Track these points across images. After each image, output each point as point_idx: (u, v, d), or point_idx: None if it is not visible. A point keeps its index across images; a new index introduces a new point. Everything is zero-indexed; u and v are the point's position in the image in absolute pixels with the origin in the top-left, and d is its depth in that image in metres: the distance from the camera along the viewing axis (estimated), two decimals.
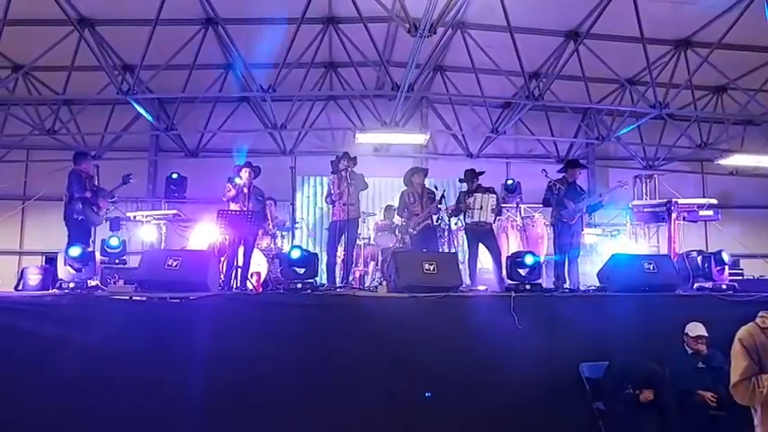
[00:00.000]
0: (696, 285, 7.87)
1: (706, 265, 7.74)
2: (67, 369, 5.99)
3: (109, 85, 11.52)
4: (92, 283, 7.17)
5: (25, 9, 9.39)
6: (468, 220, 8.47)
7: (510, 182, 12.24)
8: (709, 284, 7.66)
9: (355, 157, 8.66)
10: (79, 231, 8.57)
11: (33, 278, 7.45)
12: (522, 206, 11.77)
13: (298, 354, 6.28)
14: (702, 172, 15.37)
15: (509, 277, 7.53)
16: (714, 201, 9.15)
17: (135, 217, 8.44)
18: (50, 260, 8.81)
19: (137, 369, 6.05)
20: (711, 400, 5.89)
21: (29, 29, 10.18)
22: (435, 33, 7.93)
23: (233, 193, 8.22)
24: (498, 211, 8.85)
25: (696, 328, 6.28)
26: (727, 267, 7.96)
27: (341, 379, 6.27)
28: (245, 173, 8.31)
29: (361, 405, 6.19)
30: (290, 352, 6.28)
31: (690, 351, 6.29)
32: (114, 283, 8.09)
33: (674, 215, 8.80)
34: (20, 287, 7.59)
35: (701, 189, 15.01)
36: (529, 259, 7.34)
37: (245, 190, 8.25)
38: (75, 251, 7.04)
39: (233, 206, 8.19)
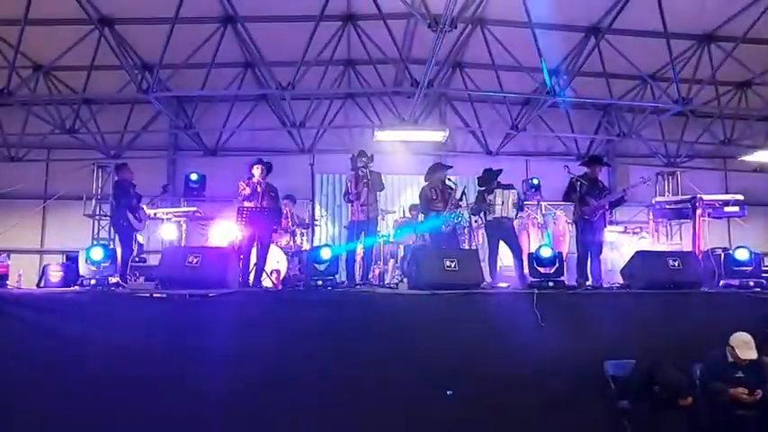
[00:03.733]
0: (722, 283, 7.73)
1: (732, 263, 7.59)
2: (88, 366, 5.98)
3: (128, 85, 11.61)
4: (112, 280, 7.17)
5: (45, 9, 9.45)
6: (490, 217, 8.36)
7: (536, 181, 12.10)
8: (736, 282, 7.51)
9: (372, 155, 8.59)
10: (125, 237, 8.76)
11: (55, 275, 7.48)
12: (543, 203, 11.64)
13: (318, 351, 6.25)
14: (725, 169, 15.15)
15: (531, 274, 7.44)
16: (740, 197, 8.95)
17: (155, 215, 8.44)
18: (71, 258, 8.83)
19: (157, 366, 6.03)
20: (743, 396, 5.73)
21: (49, 28, 10.22)
22: (456, 28, 7.87)
23: (248, 191, 8.17)
24: (520, 207, 8.72)
25: (746, 351, 5.87)
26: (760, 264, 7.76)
27: (361, 376, 6.21)
28: (257, 170, 8.27)
29: (382, 403, 6.13)
30: (310, 349, 6.25)
31: (731, 359, 5.98)
32: (135, 280, 8.10)
33: (698, 211, 8.63)
34: (41, 284, 7.63)
35: (723, 186, 14.77)
36: (545, 252, 7.24)
37: (259, 188, 8.21)
38: (98, 254, 7.02)
39: (247, 204, 8.15)
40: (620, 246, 11.07)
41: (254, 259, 8.05)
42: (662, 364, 6.00)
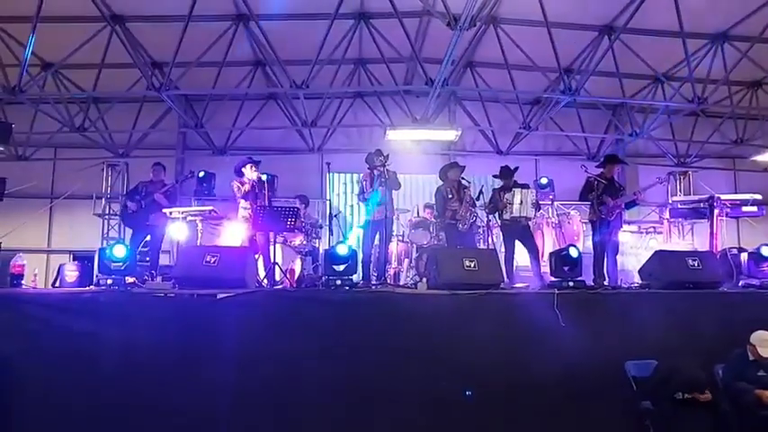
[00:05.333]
0: (742, 282, 7.69)
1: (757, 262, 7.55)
2: (104, 366, 5.96)
3: (137, 83, 11.56)
4: (129, 279, 7.11)
5: (56, 6, 9.39)
6: (506, 216, 8.29)
7: (544, 180, 12.05)
8: (756, 282, 7.48)
9: (388, 155, 8.54)
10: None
11: (70, 275, 7.43)
12: (556, 203, 11.60)
13: (337, 350, 6.21)
14: (735, 169, 15.10)
15: (552, 274, 7.39)
16: (759, 196, 8.91)
17: (171, 214, 8.39)
18: (79, 258, 8.76)
19: (174, 366, 6.02)
20: (766, 395, 5.68)
21: (58, 26, 10.16)
22: (475, 26, 7.83)
23: (247, 188, 8.14)
24: (538, 207, 8.67)
25: (767, 349, 5.86)
26: None
27: (380, 376, 6.17)
28: (249, 169, 8.23)
29: (400, 403, 6.10)
30: (329, 348, 6.21)
31: (752, 357, 5.94)
32: (152, 279, 8.05)
33: (716, 211, 8.60)
34: (57, 284, 7.58)
35: (732, 186, 14.73)
36: (574, 252, 7.20)
37: (257, 186, 8.18)
38: (121, 251, 6.95)
39: (243, 203, 8.09)
40: (629, 247, 11.05)
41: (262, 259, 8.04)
42: (681, 364, 5.95)
